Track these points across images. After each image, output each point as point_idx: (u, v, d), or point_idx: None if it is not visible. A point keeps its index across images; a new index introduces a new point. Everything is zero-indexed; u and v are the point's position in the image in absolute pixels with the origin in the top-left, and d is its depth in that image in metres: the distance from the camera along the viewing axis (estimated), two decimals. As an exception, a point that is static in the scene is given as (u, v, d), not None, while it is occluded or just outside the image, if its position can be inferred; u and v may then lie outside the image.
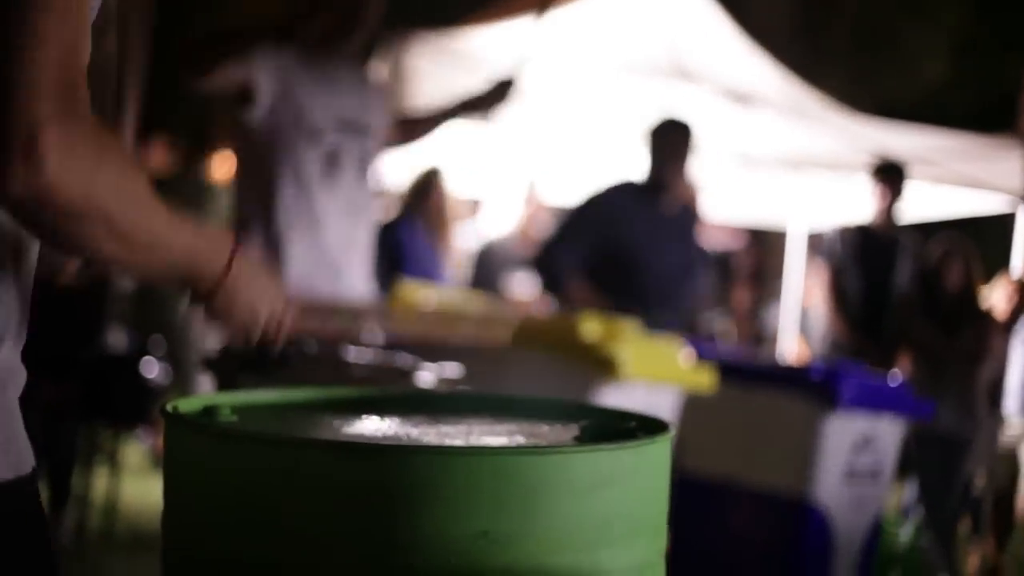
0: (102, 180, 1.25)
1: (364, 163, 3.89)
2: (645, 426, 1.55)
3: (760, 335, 9.96)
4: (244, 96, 3.74)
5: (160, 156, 7.96)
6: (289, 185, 3.78)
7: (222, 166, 7.75)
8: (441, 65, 7.00)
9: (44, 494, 5.28)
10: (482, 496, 1.28)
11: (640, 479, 1.41)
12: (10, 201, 1.22)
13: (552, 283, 5.32)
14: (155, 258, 1.37)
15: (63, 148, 1.21)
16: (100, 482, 5.70)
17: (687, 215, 5.59)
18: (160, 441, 7.70)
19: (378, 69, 7.29)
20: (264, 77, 3.72)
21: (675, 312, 5.26)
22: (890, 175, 6.60)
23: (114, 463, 5.76)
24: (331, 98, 3.83)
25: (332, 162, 3.79)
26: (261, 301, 1.53)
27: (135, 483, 6.64)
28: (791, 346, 8.97)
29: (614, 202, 5.31)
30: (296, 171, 3.77)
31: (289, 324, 1.59)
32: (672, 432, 1.49)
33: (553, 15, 7.57)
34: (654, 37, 7.15)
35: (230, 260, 1.46)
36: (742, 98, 7.13)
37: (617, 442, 1.41)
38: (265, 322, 1.55)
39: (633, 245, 5.24)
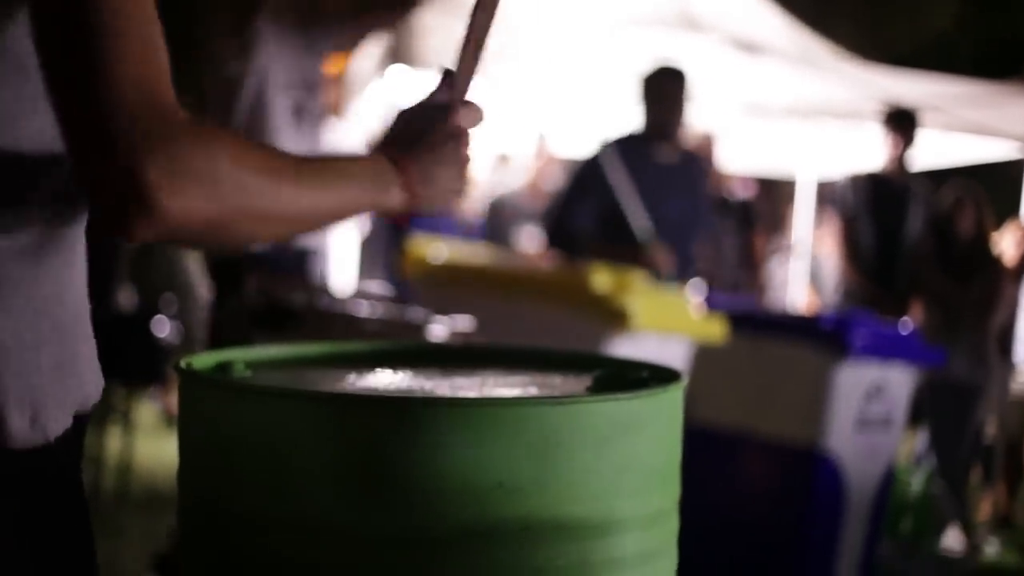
0: (227, 185, 1.18)
1: (320, 116, 4.19)
2: (657, 375, 1.55)
3: (771, 284, 9.97)
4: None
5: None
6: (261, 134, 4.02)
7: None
8: (449, 18, 6.98)
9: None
10: (496, 448, 1.28)
11: (653, 428, 1.41)
12: (145, 240, 1.16)
13: (568, 248, 5.30)
14: (323, 217, 1.34)
15: (173, 179, 1.14)
16: (114, 442, 5.73)
17: (689, 163, 5.56)
18: (173, 400, 7.75)
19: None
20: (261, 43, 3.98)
21: (680, 261, 5.25)
22: (901, 123, 6.57)
23: (127, 423, 5.79)
24: (300, 60, 4.10)
25: (298, 114, 3.98)
26: (451, 183, 1.46)
27: (148, 442, 6.67)
28: (802, 295, 8.98)
29: (614, 156, 5.29)
30: (269, 122, 4.01)
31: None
32: (684, 381, 1.49)
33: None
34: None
35: (404, 175, 1.39)
36: (750, 47, 7.11)
37: (630, 391, 1.41)
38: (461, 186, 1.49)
39: (635, 198, 5.23)
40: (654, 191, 5.22)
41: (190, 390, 1.44)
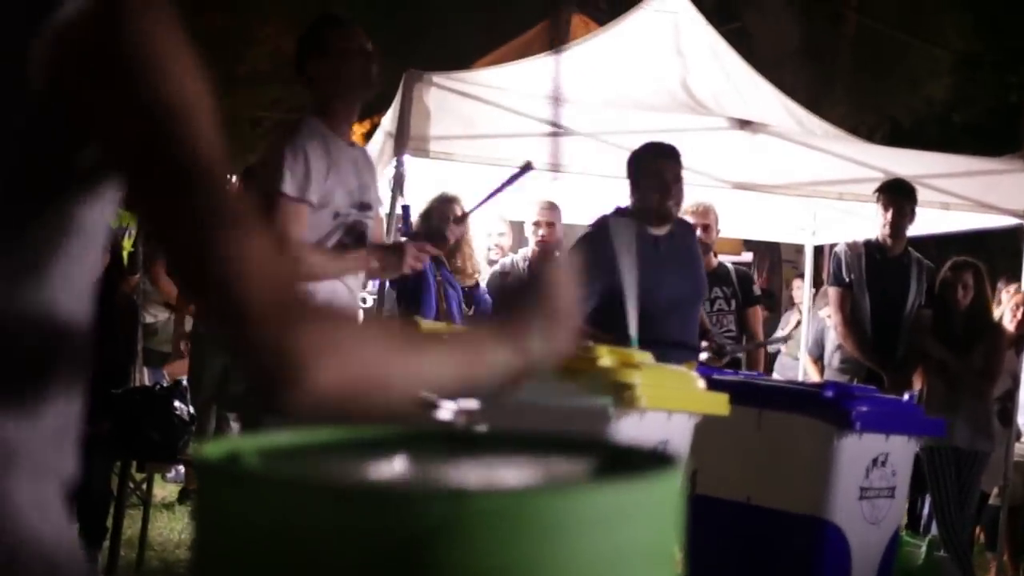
0: (363, 359, 1.30)
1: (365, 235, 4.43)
2: (655, 459, 1.61)
3: (771, 355, 9.99)
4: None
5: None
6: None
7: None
8: (456, 104, 7.10)
9: (77, 531, 5.37)
10: (497, 535, 1.34)
11: (651, 513, 1.46)
12: (300, 410, 1.29)
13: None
14: (448, 386, 1.46)
15: (318, 356, 1.25)
16: (132, 518, 5.78)
17: (683, 238, 5.59)
18: (188, 476, 7.80)
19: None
20: (289, 160, 4.29)
21: (681, 333, 5.27)
22: (898, 193, 6.65)
23: (145, 499, 5.84)
24: (343, 181, 4.42)
25: (350, 233, 4.25)
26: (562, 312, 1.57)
27: (165, 517, 6.71)
28: (802, 365, 9.03)
29: (606, 235, 5.34)
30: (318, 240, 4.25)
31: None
32: (683, 464, 1.55)
33: (565, 53, 7.73)
34: (664, 72, 7.25)
35: (521, 342, 1.50)
36: (750, 127, 7.23)
37: (627, 477, 1.47)
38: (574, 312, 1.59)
39: (633, 280, 5.27)
40: (650, 267, 5.25)
41: (202, 479, 1.50)
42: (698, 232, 7.37)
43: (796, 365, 9.71)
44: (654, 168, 5.41)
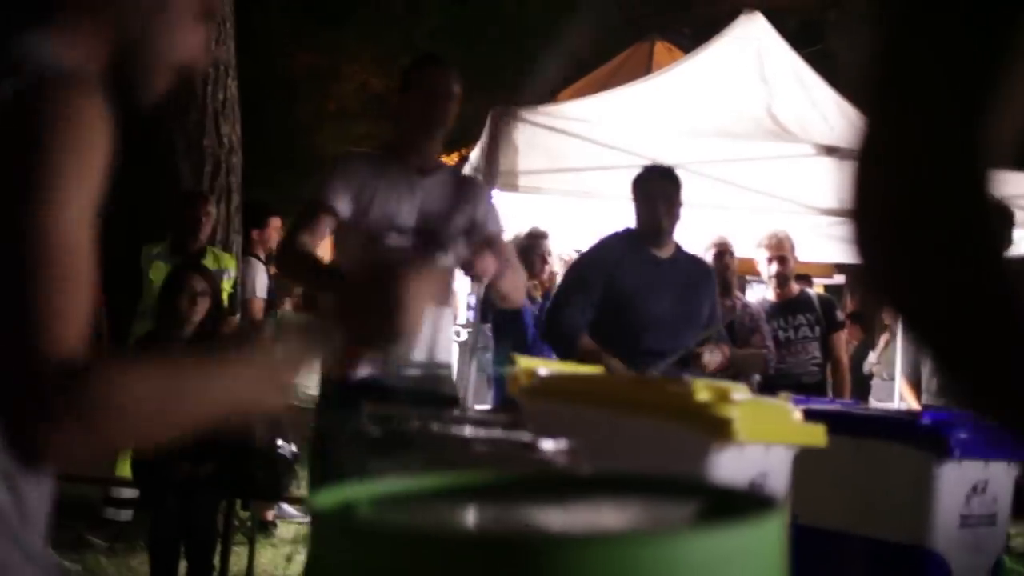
0: (112, 411, 1.40)
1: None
2: (757, 502, 1.64)
3: (864, 377, 9.89)
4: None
5: (276, 236, 8.33)
6: None
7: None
8: (544, 137, 7.16)
9: (184, 571, 5.47)
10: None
11: (757, 557, 1.50)
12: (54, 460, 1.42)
13: (563, 347, 5.43)
14: (212, 417, 1.58)
15: (61, 420, 1.36)
16: (238, 555, 5.88)
17: (686, 261, 5.67)
18: (290, 513, 7.90)
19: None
20: (341, 186, 4.47)
21: (674, 355, 5.33)
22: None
23: (251, 536, 5.94)
24: (403, 203, 4.49)
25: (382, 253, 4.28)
26: (381, 324, 1.71)
27: (270, 553, 6.81)
28: (898, 390, 8.94)
29: (608, 253, 5.46)
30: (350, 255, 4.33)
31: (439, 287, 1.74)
32: (785, 507, 1.57)
33: (649, 83, 7.77)
34: (749, 100, 7.25)
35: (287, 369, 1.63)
36: (835, 152, 7.21)
37: (731, 522, 1.51)
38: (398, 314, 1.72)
39: (628, 292, 5.36)
40: (649, 287, 5.35)
41: (315, 528, 1.57)
42: (774, 265, 7.38)
43: (890, 387, 9.60)
44: (651, 190, 5.56)
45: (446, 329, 4.77)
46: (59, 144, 1.37)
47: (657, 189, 5.56)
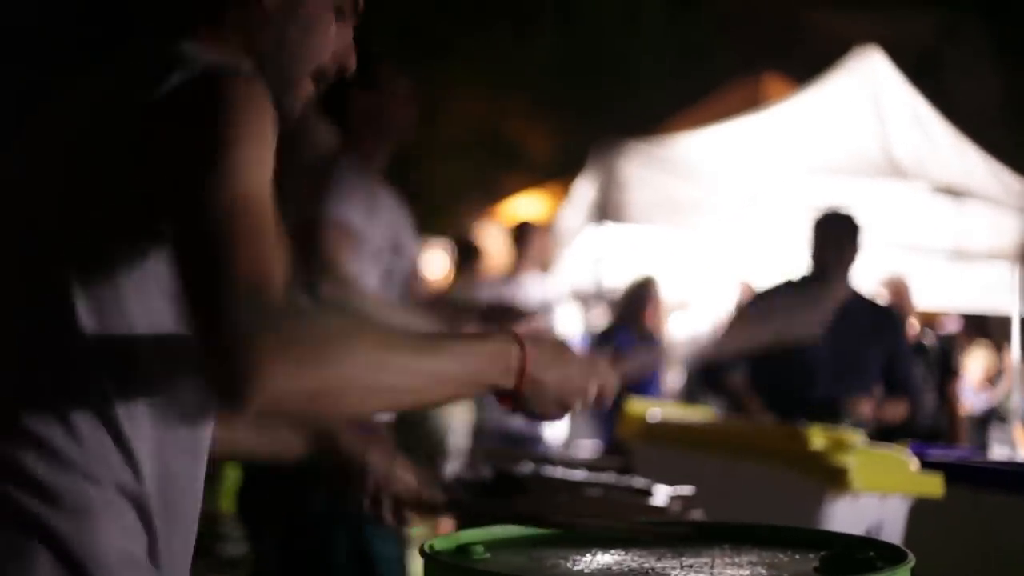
0: (331, 360, 1.32)
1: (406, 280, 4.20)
2: (884, 555, 1.59)
3: (982, 421, 9.66)
4: None
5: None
6: None
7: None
8: (653, 172, 7.10)
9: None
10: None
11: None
12: (254, 411, 1.30)
13: (714, 386, 5.34)
14: (432, 395, 1.47)
15: (275, 356, 1.28)
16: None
17: (859, 308, 5.51)
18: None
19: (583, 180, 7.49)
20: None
21: (840, 405, 5.21)
22: None
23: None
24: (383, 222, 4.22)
25: (388, 279, 4.07)
26: (570, 383, 1.59)
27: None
28: (1018, 439, 8.72)
29: (774, 296, 5.35)
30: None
31: (610, 392, 1.65)
32: (912, 561, 1.52)
33: (760, 117, 7.69)
34: (864, 136, 7.14)
35: (523, 359, 1.52)
36: (954, 191, 7.06)
37: (858, 575, 1.46)
38: (582, 400, 1.61)
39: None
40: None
41: (431, 573, 1.55)
42: None
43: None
44: (824, 234, 5.43)
45: None
46: (239, 120, 1.38)
47: (831, 234, 5.42)
